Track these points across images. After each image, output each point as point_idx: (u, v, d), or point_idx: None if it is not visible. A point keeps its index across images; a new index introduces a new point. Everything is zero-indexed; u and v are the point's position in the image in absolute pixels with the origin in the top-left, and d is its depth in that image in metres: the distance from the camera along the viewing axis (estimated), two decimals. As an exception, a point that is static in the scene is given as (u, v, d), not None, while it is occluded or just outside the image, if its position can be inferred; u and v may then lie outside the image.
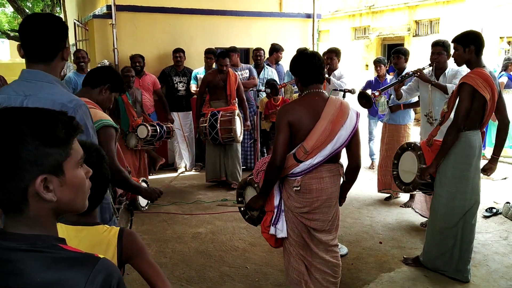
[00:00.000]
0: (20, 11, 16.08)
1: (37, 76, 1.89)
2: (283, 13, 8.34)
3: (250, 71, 6.86)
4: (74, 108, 1.83)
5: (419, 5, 14.47)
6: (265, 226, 2.95)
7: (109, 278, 0.98)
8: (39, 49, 1.91)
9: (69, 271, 0.95)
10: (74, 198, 1.07)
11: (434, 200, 3.59)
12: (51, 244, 1.01)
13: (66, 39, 2.00)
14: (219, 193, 6.05)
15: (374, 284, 3.57)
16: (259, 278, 3.69)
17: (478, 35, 3.43)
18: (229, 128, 5.85)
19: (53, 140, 1.00)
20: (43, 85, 1.88)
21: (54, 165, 1.00)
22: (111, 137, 2.54)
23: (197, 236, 4.59)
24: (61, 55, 1.95)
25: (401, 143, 5.23)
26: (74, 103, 1.84)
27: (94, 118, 2.51)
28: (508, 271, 3.74)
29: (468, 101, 3.30)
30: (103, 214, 2.14)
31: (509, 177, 6.63)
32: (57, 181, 1.01)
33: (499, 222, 4.87)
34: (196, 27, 7.61)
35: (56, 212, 1.06)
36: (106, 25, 7.06)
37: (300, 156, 2.70)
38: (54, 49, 1.93)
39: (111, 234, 1.57)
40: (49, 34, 1.90)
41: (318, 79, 2.78)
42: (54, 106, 1.71)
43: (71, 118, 1.06)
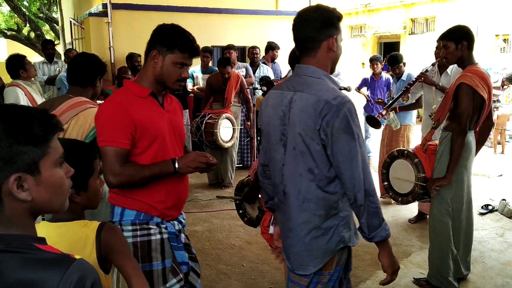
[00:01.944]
0: (16, 10, 16.01)
1: (307, 72, 1.85)
2: (279, 11, 8.34)
3: (247, 69, 6.86)
4: (338, 106, 1.71)
5: (415, 3, 14.48)
6: (264, 226, 2.91)
7: (82, 280, 0.96)
8: (307, 43, 1.86)
9: (43, 272, 0.94)
10: (52, 198, 1.04)
11: (435, 208, 3.37)
12: (28, 244, 0.98)
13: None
14: (216, 192, 6.04)
15: (370, 282, 3.57)
16: (255, 276, 3.70)
17: (468, 30, 3.21)
18: (211, 131, 5.79)
19: (28, 138, 0.97)
20: (313, 80, 1.82)
21: (30, 163, 0.97)
22: None
23: (194, 234, 4.59)
24: (326, 46, 1.84)
25: (400, 143, 5.16)
26: (338, 100, 1.72)
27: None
28: (504, 268, 3.75)
29: (469, 103, 3.08)
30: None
31: (505, 174, 6.65)
32: (32, 180, 0.99)
33: (495, 219, 4.88)
34: (192, 25, 7.50)
35: (32, 212, 1.03)
36: (102, 23, 7.05)
37: None
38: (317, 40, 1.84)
39: (89, 229, 1.52)
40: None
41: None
42: (318, 103, 1.72)
43: (51, 116, 1.04)
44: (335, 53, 1.86)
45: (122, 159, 1.92)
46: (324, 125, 1.71)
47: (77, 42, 8.18)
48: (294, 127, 1.79)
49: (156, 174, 1.97)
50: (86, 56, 2.74)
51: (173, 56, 1.96)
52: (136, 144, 1.96)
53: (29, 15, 16.72)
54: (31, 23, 16.62)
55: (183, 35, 1.98)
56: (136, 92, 2.01)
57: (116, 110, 1.93)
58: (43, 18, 17.52)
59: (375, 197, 1.78)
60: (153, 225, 2.05)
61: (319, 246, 1.84)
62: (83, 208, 1.65)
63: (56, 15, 16.34)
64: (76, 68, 2.67)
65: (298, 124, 1.78)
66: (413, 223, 4.77)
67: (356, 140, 1.72)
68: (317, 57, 1.84)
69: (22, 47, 18.98)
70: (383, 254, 1.86)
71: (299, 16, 1.87)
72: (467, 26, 3.27)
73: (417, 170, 3.38)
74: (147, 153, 1.99)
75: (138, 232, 2.01)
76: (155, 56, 1.97)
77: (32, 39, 17.31)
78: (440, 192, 3.30)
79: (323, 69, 1.85)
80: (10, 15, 20.02)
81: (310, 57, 1.85)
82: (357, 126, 1.75)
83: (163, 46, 1.96)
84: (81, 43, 7.98)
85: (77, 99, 2.58)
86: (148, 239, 2.02)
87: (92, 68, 2.66)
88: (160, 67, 1.98)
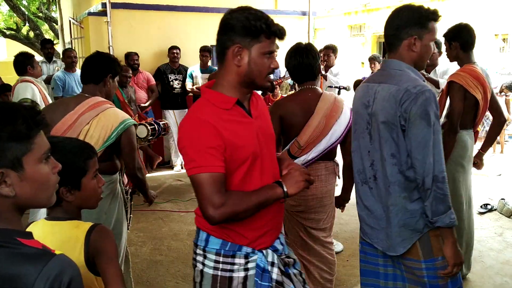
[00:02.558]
0: (15, 9, 15.98)
1: (390, 65, 1.98)
2: (278, 11, 8.33)
3: (246, 68, 6.85)
4: (416, 94, 1.82)
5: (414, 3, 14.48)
6: None
7: (60, 276, 0.97)
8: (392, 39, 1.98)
9: (23, 266, 0.95)
10: (36, 193, 1.05)
11: None
12: (11, 239, 0.99)
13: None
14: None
15: (369, 281, 3.57)
16: (254, 275, 3.69)
17: (461, 30, 3.28)
18: None
19: (11, 135, 0.98)
20: (395, 72, 1.94)
21: (12, 159, 0.99)
22: (134, 135, 2.61)
23: (193, 233, 4.54)
24: (406, 45, 1.96)
25: None
26: (418, 88, 1.83)
27: (117, 119, 2.53)
28: (503, 267, 3.75)
29: (460, 102, 3.15)
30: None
31: (504, 173, 6.65)
32: (15, 176, 1.00)
33: (494, 218, 4.88)
34: (191, 25, 7.59)
35: (18, 207, 1.04)
36: (101, 22, 7.03)
37: (294, 151, 2.69)
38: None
39: (80, 230, 1.52)
40: None
41: (310, 76, 2.77)
42: (398, 92, 1.86)
43: (36, 112, 1.05)
44: (416, 53, 1.94)
45: (221, 187, 1.56)
46: (402, 112, 1.84)
47: (76, 41, 8.16)
48: (377, 116, 1.94)
49: (263, 201, 1.62)
50: (98, 54, 2.74)
51: (260, 45, 1.60)
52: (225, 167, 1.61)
53: (28, 15, 16.69)
54: (30, 22, 16.60)
55: (262, 17, 1.60)
56: (220, 103, 1.64)
57: (204, 129, 1.57)
58: (42, 17, 17.48)
59: (444, 184, 1.84)
60: (240, 258, 1.71)
61: (406, 228, 1.93)
62: (78, 207, 1.63)
63: (55, 14, 16.31)
64: (87, 66, 2.67)
65: (380, 112, 1.92)
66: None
67: (431, 127, 1.81)
68: (399, 54, 1.96)
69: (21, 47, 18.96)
70: (447, 244, 1.89)
71: (391, 12, 2.01)
72: (465, 26, 3.30)
73: None
74: (235, 175, 1.64)
75: (221, 265, 1.71)
76: (238, 52, 1.59)
77: (31, 38, 17.28)
78: None
79: (406, 63, 1.95)
80: (9, 15, 19.99)
81: (392, 53, 1.98)
82: (435, 114, 1.83)
83: (247, 36, 1.58)
84: (80, 42, 7.96)
85: (95, 99, 2.58)
86: (229, 275, 1.71)
87: (102, 65, 2.64)
88: (247, 63, 1.61)
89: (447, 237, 1.88)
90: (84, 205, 1.65)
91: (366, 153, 2.04)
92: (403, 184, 1.91)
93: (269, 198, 1.63)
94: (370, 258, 2.15)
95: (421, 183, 1.85)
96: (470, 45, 3.26)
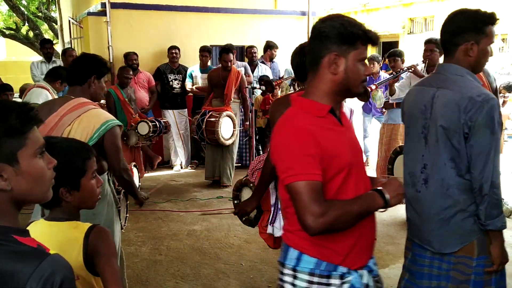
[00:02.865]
0: (15, 9, 15.98)
1: (449, 70, 1.99)
2: (278, 11, 8.34)
3: (245, 68, 6.86)
4: (481, 102, 1.85)
5: (414, 3, 14.48)
6: (262, 226, 2.92)
7: (52, 276, 0.98)
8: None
9: (17, 264, 0.97)
10: (32, 188, 1.07)
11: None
12: (7, 236, 1.01)
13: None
14: (214, 191, 6.05)
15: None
16: (254, 275, 3.70)
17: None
18: (212, 129, 5.79)
19: (5, 130, 1.01)
20: (456, 78, 1.96)
21: (7, 154, 1.01)
22: (118, 136, 2.56)
23: (192, 233, 4.59)
24: (463, 50, 1.98)
25: (399, 142, 5.27)
26: (482, 97, 1.87)
27: (99, 120, 2.49)
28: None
29: None
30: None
31: (503, 173, 6.64)
32: (11, 170, 1.02)
33: (493, 218, 4.89)
34: (191, 25, 7.59)
35: (15, 202, 1.06)
36: (101, 22, 7.04)
37: None
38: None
39: (79, 231, 1.53)
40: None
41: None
42: (462, 100, 1.87)
43: (29, 108, 1.07)
44: (473, 58, 1.97)
45: (320, 196, 1.49)
46: (467, 120, 1.87)
47: (76, 41, 8.16)
48: (436, 121, 1.96)
49: (364, 210, 1.56)
50: (82, 56, 2.74)
51: (357, 52, 1.57)
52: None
53: (27, 14, 16.68)
54: (29, 22, 16.60)
55: (357, 23, 1.58)
56: (314, 110, 1.60)
57: (302, 136, 1.53)
58: (41, 17, 17.47)
59: (499, 190, 1.92)
60: (335, 278, 1.62)
61: (464, 227, 2.00)
62: (77, 208, 1.64)
63: (55, 14, 16.30)
64: (72, 68, 2.66)
65: (440, 118, 1.94)
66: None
67: (494, 135, 1.87)
68: (456, 59, 1.98)
69: (21, 47, 18.97)
70: (495, 245, 1.97)
71: (447, 17, 2.03)
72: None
73: None
74: (330, 186, 1.58)
75: (314, 286, 1.61)
76: (334, 60, 1.56)
77: (30, 38, 17.27)
78: None
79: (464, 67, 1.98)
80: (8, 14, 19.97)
81: (448, 57, 2.00)
82: (498, 122, 1.87)
83: (343, 44, 1.55)
84: (80, 42, 7.97)
85: (78, 100, 2.56)
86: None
87: (86, 66, 2.63)
88: (343, 71, 1.57)
89: (496, 238, 1.97)
90: (83, 205, 1.65)
91: (419, 157, 2.08)
92: (462, 186, 1.97)
93: (370, 207, 1.58)
94: (418, 259, 2.19)
95: (477, 188, 1.91)
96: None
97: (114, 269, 1.49)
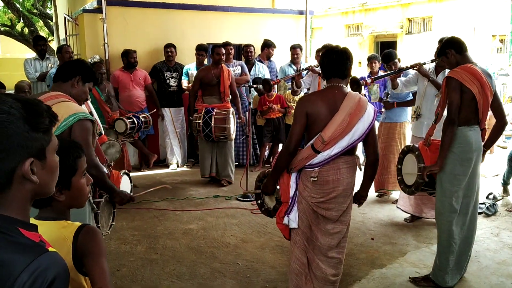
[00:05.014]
0: (10, 5, 15.86)
1: None
2: (275, 9, 8.31)
3: (242, 67, 6.83)
4: None
5: (412, 3, 14.50)
6: (280, 216, 3.00)
7: (45, 271, 1.00)
8: None
9: (14, 255, 0.99)
10: (50, 182, 1.14)
11: (437, 201, 3.46)
12: (13, 227, 1.04)
13: None
14: (211, 189, 6.02)
15: (365, 280, 3.56)
16: (250, 274, 3.67)
17: (450, 39, 3.52)
18: (223, 126, 5.82)
19: (40, 126, 1.07)
20: None
21: (40, 149, 1.08)
22: (88, 130, 2.51)
23: (188, 232, 4.55)
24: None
25: (397, 140, 5.30)
26: None
27: (68, 111, 2.46)
28: (499, 268, 3.75)
29: (456, 94, 3.27)
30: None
31: (501, 174, 6.65)
32: (39, 165, 1.09)
33: (491, 218, 4.88)
34: (188, 23, 7.55)
35: (33, 195, 1.11)
36: (97, 19, 6.98)
37: (318, 146, 2.75)
38: None
39: (69, 231, 1.52)
40: None
41: (339, 73, 2.85)
42: None
43: (50, 107, 1.13)
44: None
45: None
46: None
47: (71, 38, 8.09)
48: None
49: None
50: (75, 60, 2.84)
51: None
52: None
53: (22, 11, 16.56)
54: (24, 19, 16.46)
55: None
56: None
57: None
58: (37, 14, 17.35)
59: None
60: None
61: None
62: (67, 207, 1.64)
63: (50, 11, 16.20)
64: (63, 65, 2.71)
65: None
66: (409, 222, 4.76)
67: None
68: None
69: (16, 43, 18.85)
70: None
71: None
72: (451, 36, 3.59)
73: (418, 161, 3.54)
74: None
75: None
76: None
77: (25, 35, 17.14)
78: (442, 185, 3.38)
79: None
80: (3, 11, 19.84)
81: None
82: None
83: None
84: (75, 39, 7.89)
85: (52, 92, 2.58)
86: None
87: (74, 66, 2.67)
88: None
89: None
90: (73, 204, 1.65)
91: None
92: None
93: None
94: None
95: None
96: (463, 47, 3.43)
97: (102, 269, 1.47)
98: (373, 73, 6.63)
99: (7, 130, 1.01)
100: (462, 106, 3.29)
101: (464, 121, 3.33)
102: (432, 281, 3.45)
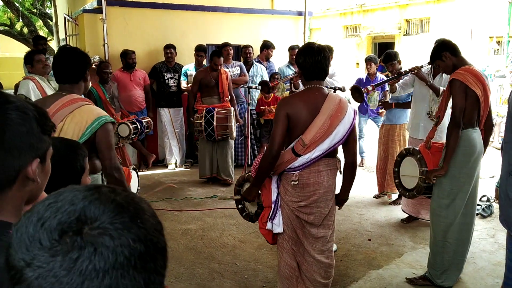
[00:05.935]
0: (9, 5, 15.86)
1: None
2: (274, 10, 8.34)
3: (241, 68, 6.86)
4: None
5: (410, 4, 14.53)
6: (262, 221, 2.96)
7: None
8: None
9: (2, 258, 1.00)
10: (43, 185, 1.15)
11: (434, 202, 3.46)
12: (6, 232, 1.03)
13: None
14: (209, 190, 6.04)
15: (362, 281, 3.58)
16: (248, 275, 3.70)
17: (443, 41, 3.53)
18: (225, 125, 5.89)
19: (47, 129, 1.09)
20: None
21: (44, 151, 1.09)
22: (111, 133, 2.50)
23: (187, 232, 4.58)
24: None
25: (396, 142, 5.31)
26: None
27: (91, 116, 2.44)
28: (495, 269, 3.78)
29: (461, 97, 3.25)
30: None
31: (496, 175, 6.69)
32: (40, 167, 1.09)
33: (487, 220, 4.92)
34: (187, 23, 7.57)
35: (29, 197, 1.11)
36: (97, 20, 7.00)
37: (299, 149, 2.72)
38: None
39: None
40: None
41: (320, 75, 2.81)
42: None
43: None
44: None
45: None
46: None
47: (71, 38, 8.11)
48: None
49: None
50: (70, 52, 2.65)
51: None
52: None
53: (22, 11, 16.55)
54: (24, 18, 16.46)
55: None
56: None
57: None
58: (36, 13, 17.35)
59: None
60: None
61: None
62: None
63: (50, 10, 16.21)
64: (64, 66, 2.57)
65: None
66: (406, 223, 4.79)
67: None
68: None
69: (15, 43, 18.83)
70: None
71: None
72: (443, 39, 3.61)
73: (420, 165, 3.52)
74: None
75: None
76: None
77: (25, 34, 17.14)
78: (441, 186, 3.39)
79: None
80: (3, 10, 19.84)
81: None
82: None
83: None
84: (75, 39, 7.91)
85: (70, 96, 2.52)
86: None
87: (80, 63, 2.58)
88: None
89: None
90: None
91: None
92: None
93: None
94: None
95: None
96: (457, 48, 3.45)
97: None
98: (371, 74, 6.67)
99: (24, 129, 1.03)
100: (466, 109, 3.27)
101: (469, 123, 3.32)
102: (428, 279, 3.48)
